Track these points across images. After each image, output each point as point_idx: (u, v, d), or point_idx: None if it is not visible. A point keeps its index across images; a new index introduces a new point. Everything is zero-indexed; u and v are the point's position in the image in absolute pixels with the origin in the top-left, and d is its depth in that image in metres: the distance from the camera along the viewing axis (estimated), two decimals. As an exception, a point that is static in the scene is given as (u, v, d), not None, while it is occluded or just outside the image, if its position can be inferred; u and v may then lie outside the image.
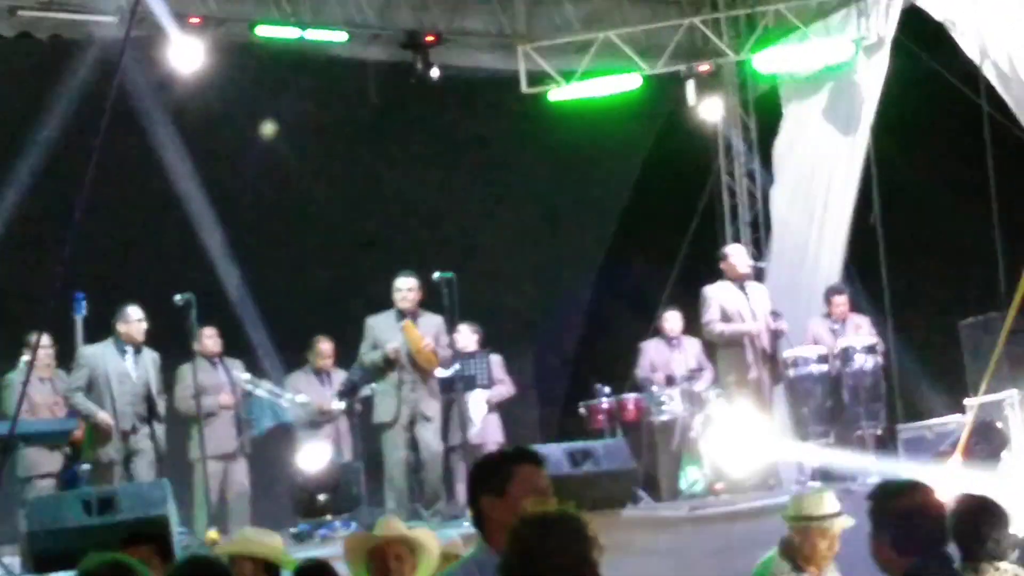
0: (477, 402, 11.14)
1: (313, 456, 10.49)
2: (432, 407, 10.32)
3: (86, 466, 9.50)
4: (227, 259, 12.89)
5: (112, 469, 9.67)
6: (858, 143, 12.97)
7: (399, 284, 10.32)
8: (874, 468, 10.45)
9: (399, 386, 10.17)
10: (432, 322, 10.36)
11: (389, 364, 10.18)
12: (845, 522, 5.84)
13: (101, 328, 10.01)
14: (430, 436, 10.25)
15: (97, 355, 9.84)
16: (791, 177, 13.78)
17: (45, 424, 9.79)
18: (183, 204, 13.08)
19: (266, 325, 12.67)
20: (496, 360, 11.53)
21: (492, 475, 3.87)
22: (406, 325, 10.25)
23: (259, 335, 12.39)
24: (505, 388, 11.67)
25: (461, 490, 10.94)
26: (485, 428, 11.27)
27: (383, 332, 10.30)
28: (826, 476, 10.52)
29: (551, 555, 3.25)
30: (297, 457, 10.59)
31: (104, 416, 9.70)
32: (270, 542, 5.40)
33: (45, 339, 9.96)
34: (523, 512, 3.44)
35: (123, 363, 9.87)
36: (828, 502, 5.94)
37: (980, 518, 5.09)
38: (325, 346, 11.22)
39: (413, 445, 10.21)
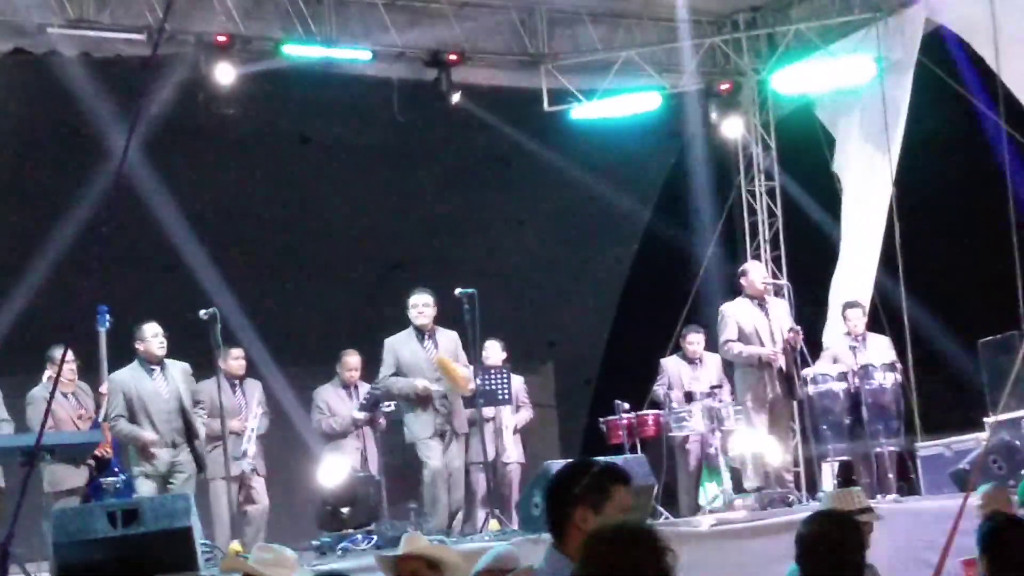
0: (506, 426, 11.22)
1: (332, 471, 10.55)
2: (461, 422, 10.30)
3: (111, 479, 9.56)
4: (253, 277, 13.00)
5: (153, 483, 9.72)
6: (889, 161, 13.01)
7: (415, 300, 10.28)
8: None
9: (434, 405, 10.17)
10: (449, 338, 10.36)
11: (421, 396, 10.18)
12: (873, 518, 5.98)
13: (124, 343, 10.09)
14: (454, 452, 10.21)
15: (127, 379, 9.87)
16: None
17: (70, 436, 9.83)
18: (209, 221, 13.20)
19: (293, 343, 12.76)
20: (518, 382, 11.56)
21: (594, 489, 3.89)
22: (444, 364, 10.19)
23: (284, 355, 12.50)
24: (527, 412, 11.76)
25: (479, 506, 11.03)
26: (510, 448, 11.33)
27: (406, 353, 10.24)
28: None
29: (626, 568, 3.28)
30: (317, 472, 10.67)
31: (150, 435, 9.74)
32: (283, 561, 5.36)
33: (69, 353, 10.06)
34: (595, 527, 3.50)
35: (152, 382, 9.92)
36: (859, 498, 6.09)
37: (1015, 534, 5.12)
38: (352, 359, 11.29)
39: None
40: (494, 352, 11.07)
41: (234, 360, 10.85)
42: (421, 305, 10.24)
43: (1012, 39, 11.95)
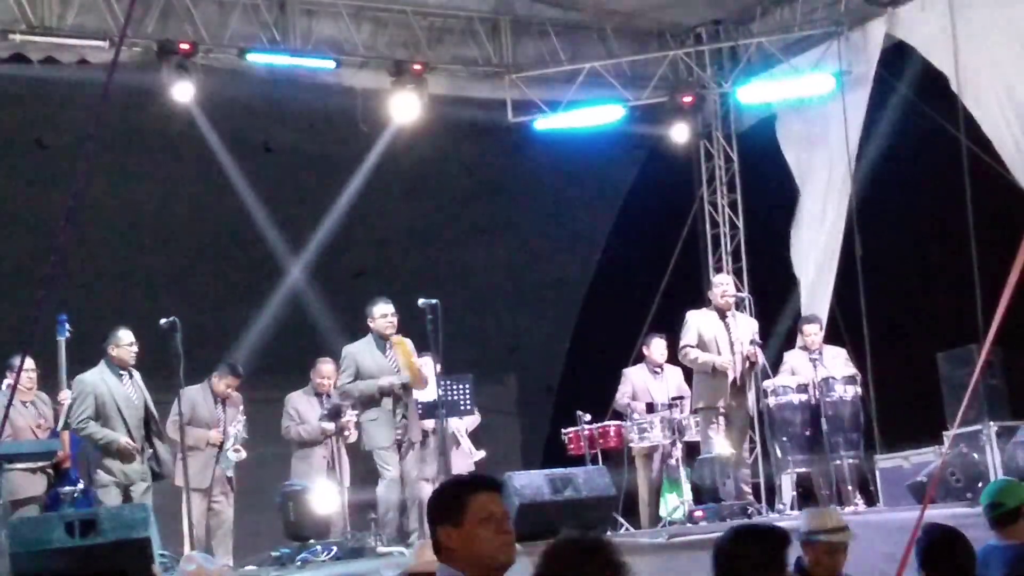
0: (460, 433, 11.14)
1: (325, 497, 10.40)
2: (417, 433, 10.34)
3: (69, 488, 9.50)
4: (215, 285, 12.94)
5: (117, 490, 9.66)
6: (845, 175, 13.13)
7: (384, 310, 10.27)
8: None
9: (393, 411, 10.17)
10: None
11: (384, 394, 10.17)
12: (847, 537, 5.96)
13: (84, 352, 10.03)
14: (410, 464, 10.22)
15: (98, 381, 9.81)
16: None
17: (28, 445, 9.76)
18: (171, 229, 13.13)
19: (255, 351, 12.70)
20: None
21: (448, 505, 3.89)
22: (398, 340, 10.27)
23: (245, 363, 12.42)
24: (474, 418, 11.67)
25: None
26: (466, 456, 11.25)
27: (367, 360, 10.26)
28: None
29: None
30: (311, 499, 10.48)
31: (125, 439, 9.68)
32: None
33: (28, 362, 9.98)
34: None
35: (123, 387, 9.89)
36: (834, 518, 6.10)
37: (951, 547, 5.22)
38: (326, 367, 11.20)
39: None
40: (427, 367, 10.89)
41: (221, 381, 10.81)
42: (390, 315, 10.25)
43: (971, 56, 12.07)
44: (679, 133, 14.27)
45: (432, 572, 5.02)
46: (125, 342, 9.90)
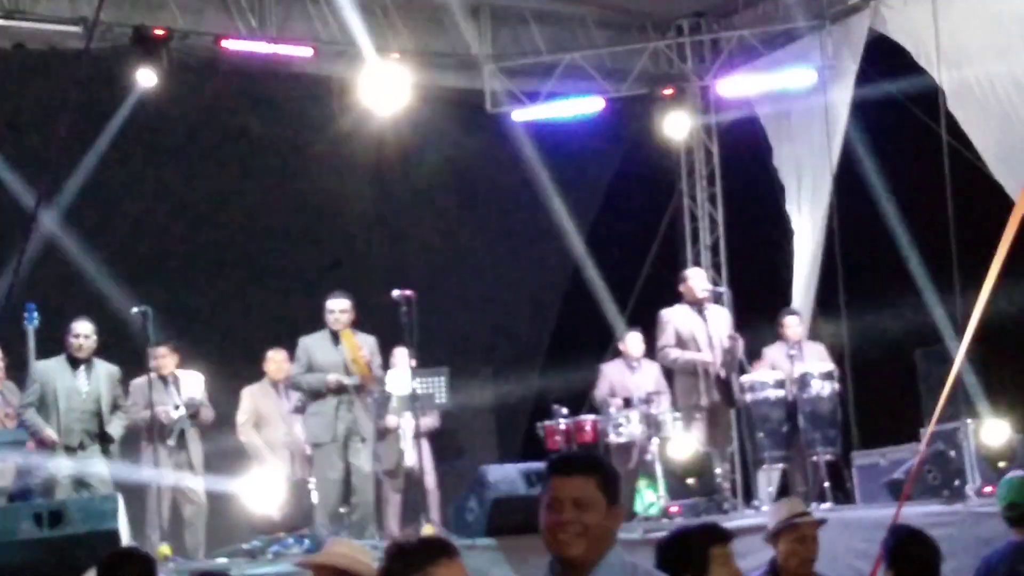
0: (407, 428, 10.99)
1: (263, 493, 10.29)
2: (367, 428, 10.25)
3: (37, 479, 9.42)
4: (191, 275, 12.85)
5: (57, 485, 9.56)
6: (826, 170, 13.10)
7: (332, 305, 10.27)
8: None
9: (336, 406, 10.10)
10: (365, 342, 10.35)
11: (332, 390, 10.10)
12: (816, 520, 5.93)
13: (54, 341, 9.93)
14: (363, 459, 10.15)
15: (49, 370, 9.75)
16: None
17: (-3, 435, 9.68)
18: (146, 218, 13.03)
19: (228, 343, 12.62)
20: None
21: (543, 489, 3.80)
22: (346, 333, 10.19)
23: (219, 353, 12.32)
24: (432, 418, 11.55)
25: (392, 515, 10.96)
26: (420, 453, 11.13)
27: (319, 353, 10.22)
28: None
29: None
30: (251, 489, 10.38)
31: (49, 432, 9.62)
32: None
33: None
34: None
35: (73, 379, 9.77)
36: (798, 505, 6.05)
37: (917, 547, 5.22)
38: (275, 355, 11.18)
39: (348, 466, 10.13)
40: (402, 360, 10.80)
41: (159, 358, 10.66)
42: (338, 311, 10.24)
43: (952, 51, 12.03)
44: (659, 126, 14.20)
45: (332, 565, 4.96)
46: (80, 333, 9.81)
